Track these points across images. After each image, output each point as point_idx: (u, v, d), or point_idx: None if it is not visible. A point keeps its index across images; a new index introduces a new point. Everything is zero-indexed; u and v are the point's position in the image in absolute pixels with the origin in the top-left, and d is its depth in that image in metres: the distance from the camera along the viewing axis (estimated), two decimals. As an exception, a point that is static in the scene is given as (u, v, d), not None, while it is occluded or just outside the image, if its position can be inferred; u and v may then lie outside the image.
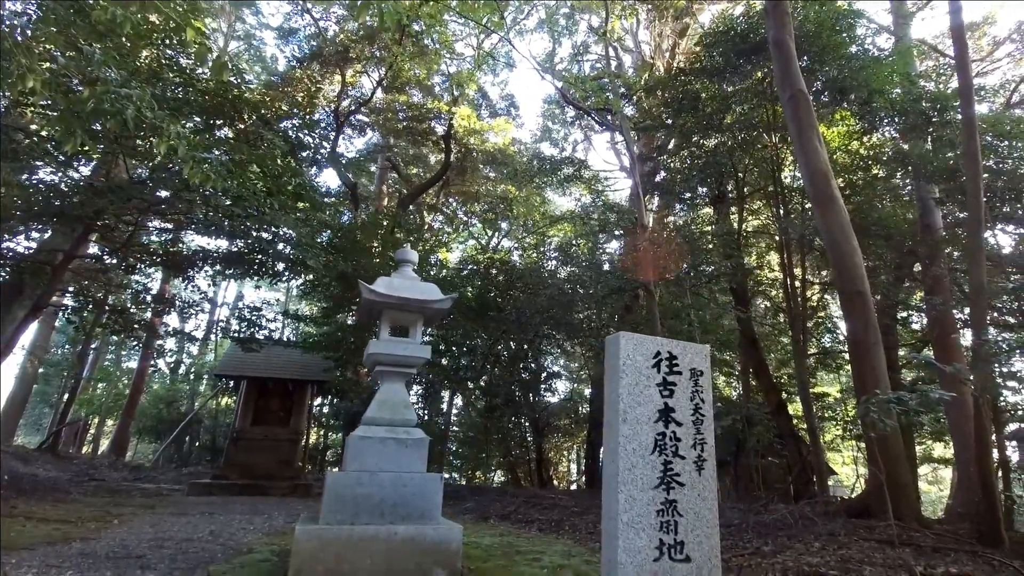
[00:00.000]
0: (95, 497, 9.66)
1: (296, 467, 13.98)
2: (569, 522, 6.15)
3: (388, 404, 4.26)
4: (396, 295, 4.36)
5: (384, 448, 4.00)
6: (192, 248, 10.50)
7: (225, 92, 6.39)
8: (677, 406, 2.50)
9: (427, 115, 22.50)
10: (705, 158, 12.35)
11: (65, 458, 16.97)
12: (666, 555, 2.32)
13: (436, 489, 3.98)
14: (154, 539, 4.98)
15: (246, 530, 5.87)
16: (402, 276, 4.70)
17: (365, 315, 4.82)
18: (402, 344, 4.42)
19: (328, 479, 3.86)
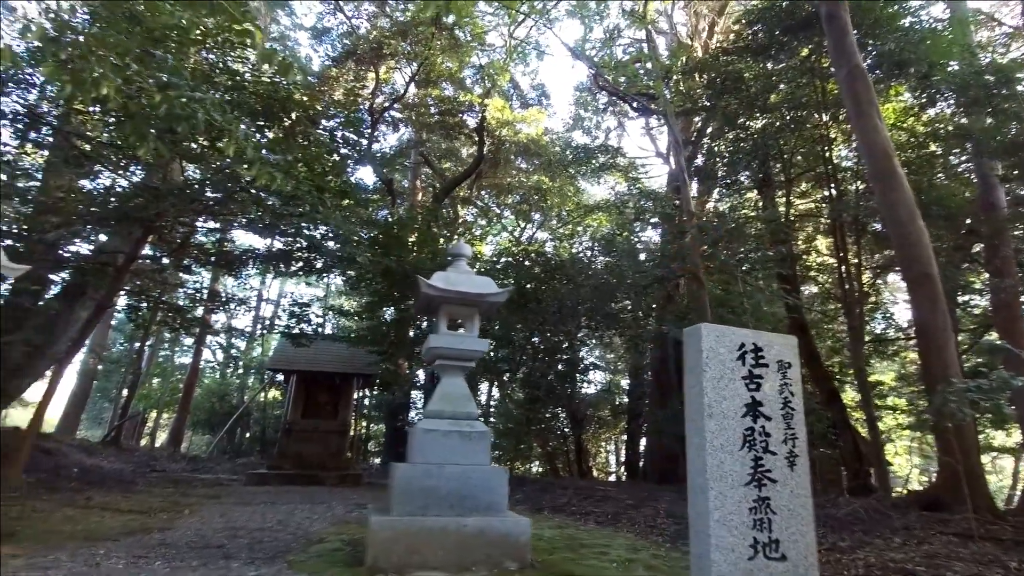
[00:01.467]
0: (160, 488, 10.11)
1: (345, 457, 14.34)
2: (626, 515, 6.10)
3: (449, 397, 4.29)
4: (454, 289, 4.37)
5: (448, 441, 4.03)
6: (242, 247, 10.79)
7: (275, 93, 6.53)
8: (765, 400, 2.41)
9: (459, 108, 22.51)
10: (751, 140, 11.96)
11: (127, 450, 17.84)
12: (761, 553, 2.25)
13: (501, 482, 4.00)
14: (227, 529, 5.17)
15: (311, 519, 6.03)
16: (457, 270, 4.71)
17: (422, 309, 4.85)
18: (460, 338, 4.43)
19: (396, 472, 3.91)
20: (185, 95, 3.15)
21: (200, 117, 3.22)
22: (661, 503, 6.66)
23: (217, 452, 21.78)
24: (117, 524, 5.44)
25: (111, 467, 13.10)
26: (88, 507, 6.60)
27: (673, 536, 5.03)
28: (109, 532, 4.86)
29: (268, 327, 11.99)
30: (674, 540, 4.86)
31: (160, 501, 7.65)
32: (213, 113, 3.27)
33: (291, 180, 4.73)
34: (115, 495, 8.09)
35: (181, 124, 3.24)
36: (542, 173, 22.75)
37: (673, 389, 16.43)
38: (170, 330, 11.55)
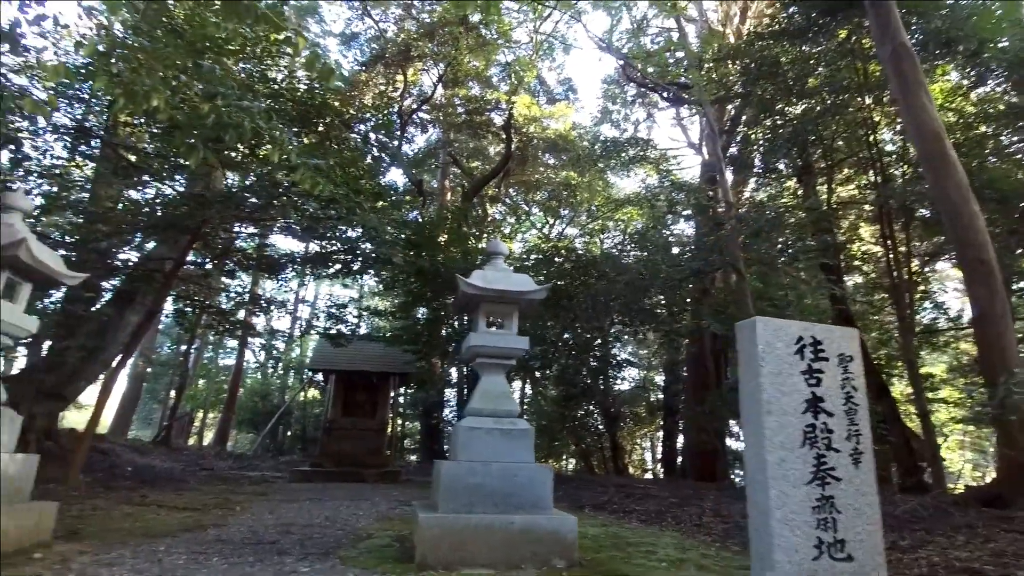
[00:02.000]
0: (210, 486, 10.45)
1: (384, 455, 14.56)
2: (670, 514, 6.01)
3: (491, 395, 4.30)
4: (493, 288, 4.37)
5: (491, 439, 4.04)
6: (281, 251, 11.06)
7: (311, 99, 6.68)
8: (826, 395, 2.33)
9: (486, 106, 22.55)
10: (790, 126, 11.59)
11: (177, 450, 18.54)
12: (825, 554, 2.18)
13: (546, 480, 3.99)
14: (278, 525, 5.31)
15: (356, 516, 6.15)
16: (494, 268, 4.70)
17: (461, 308, 4.88)
18: (500, 336, 4.44)
19: (442, 469, 3.94)
20: (233, 104, 3.24)
21: (247, 125, 3.30)
22: (706, 501, 6.54)
23: (261, 450, 22.42)
24: (173, 521, 5.64)
25: (163, 466, 13.59)
26: (144, 504, 6.87)
27: (722, 535, 4.93)
28: (166, 528, 5.05)
29: (307, 328, 12.22)
30: (723, 539, 4.77)
31: (212, 498, 7.91)
32: (259, 121, 3.35)
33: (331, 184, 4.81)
34: (168, 493, 8.40)
35: (229, 133, 3.33)
36: (570, 168, 22.61)
37: (711, 385, 16.14)
38: (215, 333, 11.89)
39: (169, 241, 9.87)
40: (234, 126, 3.31)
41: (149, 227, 7.32)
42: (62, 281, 4.30)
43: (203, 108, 3.41)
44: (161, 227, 7.22)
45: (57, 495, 7.13)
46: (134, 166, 7.27)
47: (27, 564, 3.44)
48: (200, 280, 10.70)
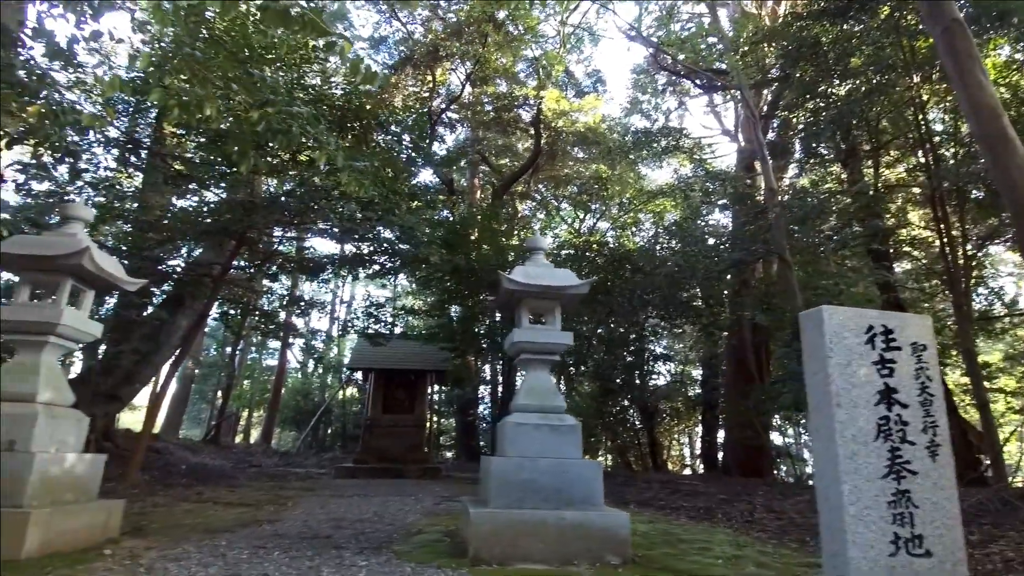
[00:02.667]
0: (259, 482, 10.79)
1: (424, 451, 14.77)
2: (721, 510, 5.89)
3: (536, 391, 4.29)
4: (536, 283, 4.36)
5: (539, 435, 4.04)
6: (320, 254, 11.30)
7: (348, 103, 6.80)
8: (899, 386, 2.24)
9: (514, 103, 22.52)
10: (834, 109, 11.16)
11: (225, 448, 19.21)
12: (903, 550, 2.10)
13: (596, 475, 3.96)
14: (330, 520, 5.44)
15: (403, 511, 6.24)
16: (535, 264, 4.69)
17: (503, 305, 4.88)
18: (544, 331, 4.42)
19: (491, 465, 3.95)
20: (283, 110, 3.32)
21: (295, 131, 3.37)
22: (756, 498, 6.40)
23: (304, 448, 23.05)
24: (230, 517, 5.84)
25: (214, 464, 14.08)
26: (201, 501, 7.13)
27: (777, 532, 4.82)
28: (225, 524, 5.23)
29: (346, 328, 12.45)
30: (779, 536, 4.66)
31: (263, 494, 8.16)
32: (306, 126, 3.43)
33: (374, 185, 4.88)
34: (222, 490, 8.70)
35: (278, 138, 3.41)
36: (601, 161, 22.38)
37: (752, 378, 15.77)
38: (261, 335, 12.24)
39: (215, 247, 10.21)
40: (284, 132, 3.38)
41: (201, 233, 7.57)
42: (122, 287, 4.48)
43: (253, 116, 3.50)
44: (213, 232, 7.46)
45: (119, 493, 7.48)
46: (182, 175, 7.53)
47: (98, 560, 3.61)
48: (245, 284, 11.02)
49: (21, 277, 4.12)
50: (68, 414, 4.11)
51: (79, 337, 4.25)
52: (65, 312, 4.00)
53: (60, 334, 4.04)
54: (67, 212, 4.35)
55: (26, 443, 3.63)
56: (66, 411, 4.11)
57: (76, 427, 4.14)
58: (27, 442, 3.64)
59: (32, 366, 3.94)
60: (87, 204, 8.39)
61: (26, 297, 4.09)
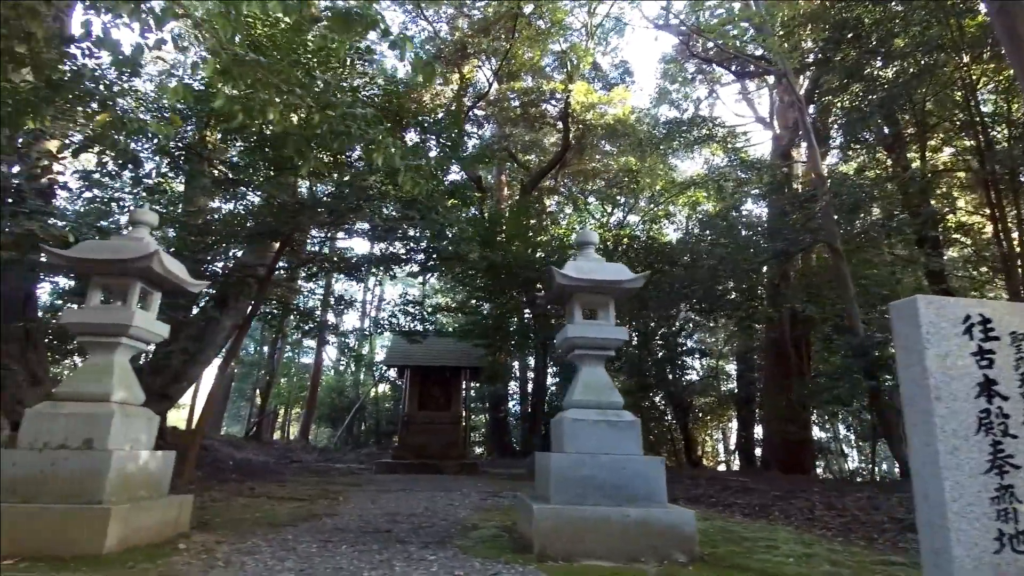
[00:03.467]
0: (304, 477, 11.03)
1: (460, 447, 14.88)
2: (777, 507, 5.77)
3: (593, 386, 4.27)
4: (588, 278, 4.33)
5: (597, 430, 4.02)
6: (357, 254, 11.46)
7: (390, 102, 6.87)
8: (999, 377, 2.15)
9: (542, 97, 22.42)
10: (879, 91, 10.77)
11: (267, 444, 19.71)
12: (1007, 546, 2.02)
13: (658, 472, 3.92)
14: (384, 514, 5.54)
15: (453, 506, 6.31)
16: (586, 258, 4.66)
17: (554, 300, 4.87)
18: (597, 327, 4.39)
19: (551, 461, 3.95)
20: (345, 111, 3.37)
21: (355, 132, 3.42)
22: (812, 495, 6.25)
23: (341, 443, 23.49)
24: (286, 511, 5.98)
25: (258, 459, 14.46)
26: (254, 496, 7.32)
27: (841, 530, 4.70)
28: (285, 518, 5.37)
29: (385, 326, 12.59)
30: (844, 534, 4.54)
31: (312, 489, 8.35)
32: (367, 128, 3.47)
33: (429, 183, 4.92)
34: (271, 485, 8.92)
35: (338, 140, 3.46)
36: (630, 154, 22.12)
37: (792, 372, 15.42)
38: (301, 333, 12.50)
39: (256, 248, 10.45)
40: (346, 133, 3.43)
41: (251, 236, 7.76)
42: (187, 289, 4.62)
43: (314, 118, 3.56)
44: (263, 234, 7.64)
45: (179, 489, 7.75)
46: (230, 180, 7.72)
47: (175, 554, 3.73)
48: (286, 284, 11.26)
49: (92, 281, 4.28)
50: (140, 412, 4.26)
51: (149, 338, 4.40)
52: (136, 314, 4.15)
53: (132, 335, 4.19)
54: (135, 217, 4.51)
55: (103, 441, 3.78)
56: (138, 410, 4.27)
57: (148, 425, 4.30)
58: (104, 440, 3.79)
59: (106, 367, 4.10)
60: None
61: (98, 300, 4.25)
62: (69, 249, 4.19)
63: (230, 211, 8.87)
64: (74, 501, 3.54)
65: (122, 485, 3.79)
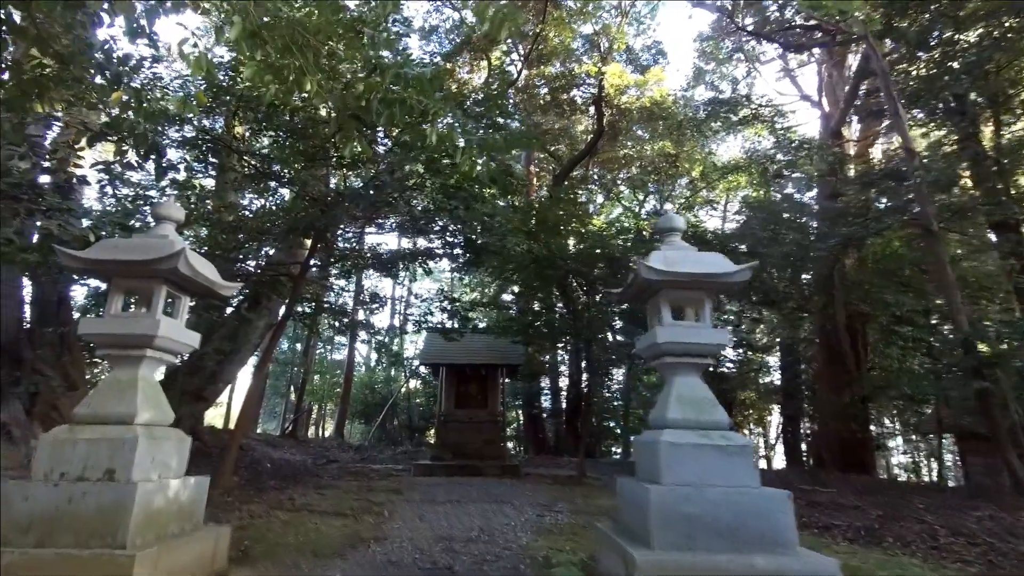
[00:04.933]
0: (344, 480, 10.61)
1: (500, 446, 14.34)
2: (887, 530, 4.97)
3: (690, 402, 3.59)
4: (681, 271, 3.64)
5: (702, 456, 3.34)
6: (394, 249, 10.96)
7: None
8: None
9: (572, 82, 21.60)
10: (954, 60, 9.69)
11: (303, 442, 19.55)
12: None
13: (784, 508, 3.22)
14: (438, 539, 4.99)
15: (510, 526, 5.74)
16: (673, 247, 3.96)
17: (635, 297, 4.19)
18: (695, 330, 3.70)
19: (648, 495, 3.26)
20: (399, 72, 2.75)
21: (411, 101, 2.81)
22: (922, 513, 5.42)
23: (375, 440, 23.30)
24: (332, 532, 5.49)
25: (295, 459, 14.17)
26: (295, 509, 6.87)
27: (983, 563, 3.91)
28: (330, 544, 4.87)
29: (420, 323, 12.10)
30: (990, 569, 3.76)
31: (354, 498, 7.88)
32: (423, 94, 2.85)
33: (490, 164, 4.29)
34: (311, 492, 8.49)
35: (386, 114, 2.85)
36: (667, 138, 21.14)
37: (848, 367, 14.42)
38: (334, 331, 12.10)
39: (287, 246, 10.02)
40: (399, 101, 2.82)
41: (286, 232, 7.28)
42: (218, 292, 4.10)
43: (358, 87, 2.95)
44: (301, 230, 7.15)
45: (215, 500, 7.36)
46: (261, 173, 7.23)
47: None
48: (319, 281, 10.84)
49: (112, 285, 3.78)
50: (169, 434, 3.75)
51: (178, 348, 3.90)
52: (163, 322, 3.63)
53: (158, 347, 3.69)
54: (158, 212, 3.99)
55: (127, 471, 3.28)
56: (167, 431, 3.76)
57: (178, 448, 3.79)
58: (128, 470, 3.28)
59: (129, 383, 3.59)
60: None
61: (119, 307, 3.75)
62: (86, 249, 3.69)
63: (262, 207, 8.41)
64: (95, 544, 3.04)
65: (149, 522, 3.28)
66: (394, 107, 2.81)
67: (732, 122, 19.03)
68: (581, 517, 6.41)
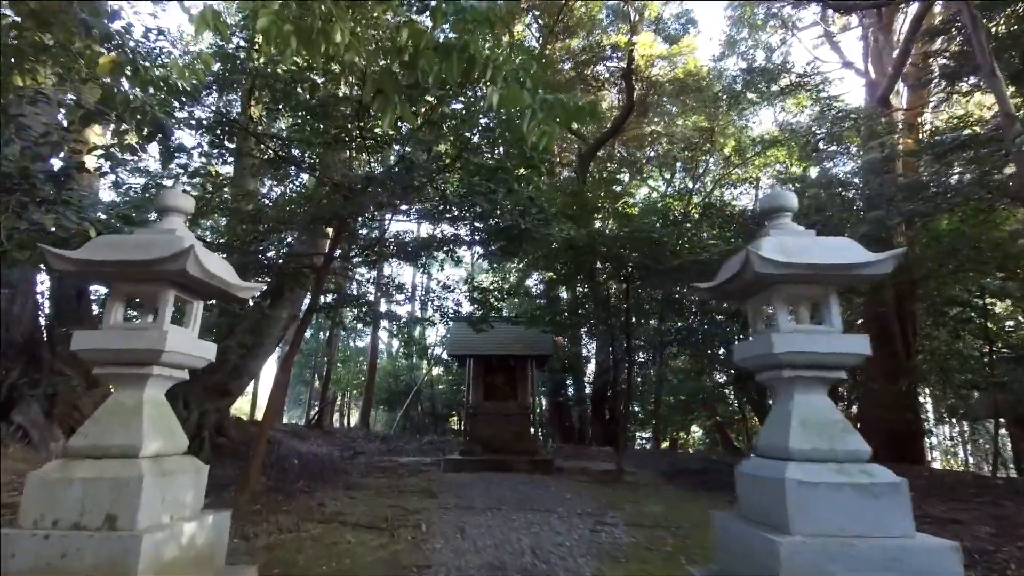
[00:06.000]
0: (372, 478, 10.18)
1: (531, 440, 13.84)
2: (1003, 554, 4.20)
3: (819, 427, 2.87)
4: (806, 262, 2.90)
5: (842, 498, 2.64)
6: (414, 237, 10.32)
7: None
8: None
9: (599, 55, 20.58)
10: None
11: (328, 432, 19.31)
12: None
13: (953, 565, 2.51)
14: (484, 565, 4.41)
15: (564, 546, 5.13)
16: (786, 231, 3.21)
17: (736, 292, 3.46)
18: (823, 337, 2.96)
19: (777, 551, 2.57)
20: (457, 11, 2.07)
21: (473, 49, 2.12)
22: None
23: (399, 429, 23.04)
24: (366, 553, 4.97)
25: (322, 452, 13.84)
26: (326, 520, 6.38)
27: None
28: (366, 570, 4.32)
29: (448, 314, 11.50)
30: None
31: (387, 502, 7.39)
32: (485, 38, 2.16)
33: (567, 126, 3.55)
34: (341, 495, 8.03)
35: (441, 65, 2.17)
36: (701, 111, 20.04)
37: (898, 353, 13.52)
38: (359, 322, 11.57)
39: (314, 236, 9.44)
40: (456, 49, 2.14)
41: (310, 220, 6.65)
42: (235, 294, 3.49)
43: (401, 35, 2.27)
44: (324, 219, 6.53)
45: (240, 507, 6.90)
46: (281, 158, 6.60)
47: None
48: (343, 272, 10.27)
49: (112, 290, 3.19)
50: (183, 465, 3.17)
51: (190, 363, 3.30)
52: (171, 334, 3.03)
53: (166, 363, 3.09)
54: (163, 202, 3.37)
55: (131, 517, 2.70)
56: (180, 461, 3.18)
57: (195, 480, 3.20)
58: (132, 515, 2.70)
59: (133, 407, 3.01)
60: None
61: (120, 316, 3.16)
62: (79, 249, 3.09)
63: (281, 195, 7.80)
64: (93, 612, 2.48)
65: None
66: (451, 57, 2.13)
67: (773, 92, 17.91)
68: (640, 532, 5.78)
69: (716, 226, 12.58)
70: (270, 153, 7.01)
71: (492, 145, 5.79)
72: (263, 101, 6.96)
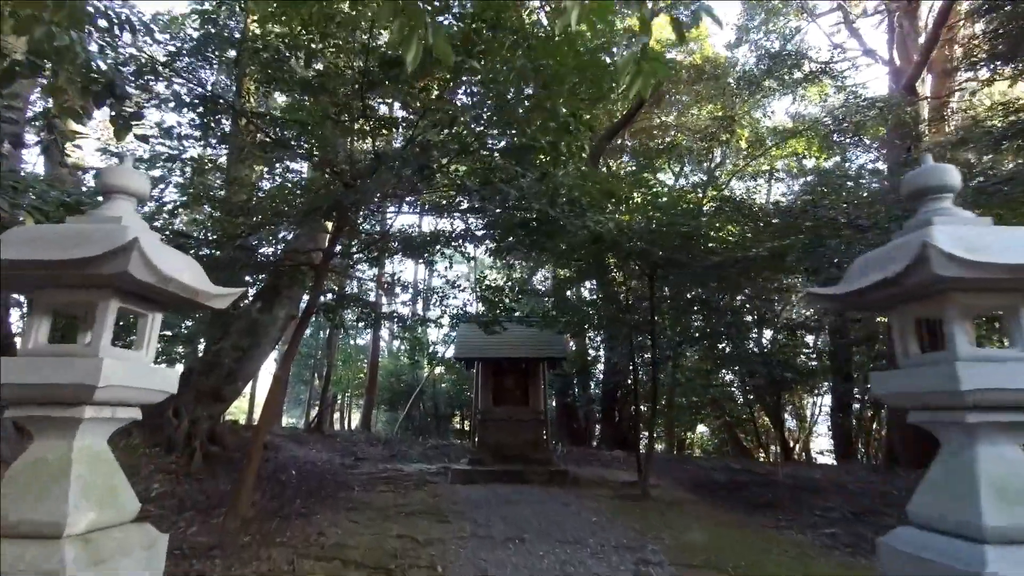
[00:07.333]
0: (376, 492, 9.42)
1: (544, 448, 13.06)
2: None
3: (1016, 494, 2.03)
4: (1002, 262, 2.05)
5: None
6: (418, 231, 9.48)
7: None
8: None
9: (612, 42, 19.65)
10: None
11: (329, 436, 18.50)
12: None
13: None
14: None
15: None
16: (953, 218, 2.32)
17: (853, 301, 2.61)
18: (1021, 366, 2.11)
19: None
20: None
21: None
22: None
23: (401, 431, 22.28)
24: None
25: (321, 460, 13.09)
26: (325, 556, 5.57)
27: None
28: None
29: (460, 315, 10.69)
30: None
31: (394, 531, 6.57)
32: None
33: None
34: (342, 519, 7.22)
35: None
36: (719, 100, 19.19)
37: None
38: (360, 322, 10.75)
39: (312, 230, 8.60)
40: None
41: (307, 211, 5.79)
42: (204, 303, 2.63)
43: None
44: (324, 210, 5.67)
45: (229, 535, 6.08)
46: (275, 142, 5.74)
47: None
48: (343, 270, 9.42)
49: (33, 301, 2.33)
50: (128, 541, 2.30)
51: (141, 399, 2.43)
52: (109, 362, 2.17)
53: (103, 400, 2.23)
54: (106, 181, 2.50)
55: (49, 632, 1.86)
56: (126, 534, 2.31)
57: (146, 560, 2.34)
58: (51, 628, 1.86)
59: (58, 465, 2.15)
60: (164, 184, 6.82)
61: (43, 338, 2.30)
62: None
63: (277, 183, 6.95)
64: None
65: None
66: None
67: (793, 80, 17.05)
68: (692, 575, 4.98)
69: (738, 221, 11.71)
70: (262, 136, 6.14)
71: (526, 119, 4.92)
72: (253, 76, 6.09)
